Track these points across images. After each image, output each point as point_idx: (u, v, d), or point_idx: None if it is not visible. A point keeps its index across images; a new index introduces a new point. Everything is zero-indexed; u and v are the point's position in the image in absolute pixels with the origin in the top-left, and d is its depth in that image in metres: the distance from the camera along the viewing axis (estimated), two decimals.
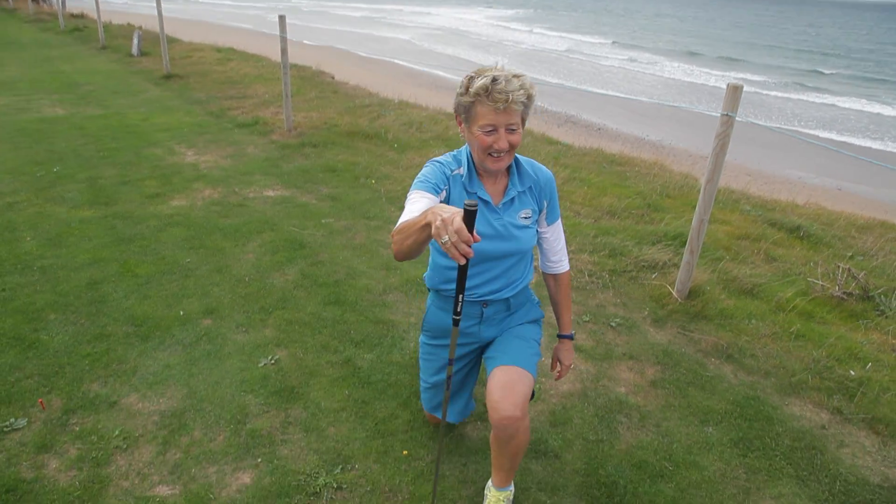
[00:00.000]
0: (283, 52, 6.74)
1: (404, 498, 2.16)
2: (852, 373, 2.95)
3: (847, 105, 18.32)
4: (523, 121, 1.82)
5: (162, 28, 10.57)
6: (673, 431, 2.54)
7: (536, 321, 2.22)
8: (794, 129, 14.89)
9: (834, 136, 14.54)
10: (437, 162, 1.94)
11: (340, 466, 2.28)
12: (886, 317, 3.53)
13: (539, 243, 2.12)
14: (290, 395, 2.64)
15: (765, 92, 20.46)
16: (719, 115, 3.11)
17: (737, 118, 3.09)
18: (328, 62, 14.29)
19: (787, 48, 37.37)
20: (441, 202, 1.85)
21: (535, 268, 2.27)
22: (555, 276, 2.18)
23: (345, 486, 2.20)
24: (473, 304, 2.04)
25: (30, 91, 9.23)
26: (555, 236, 2.10)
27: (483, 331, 2.10)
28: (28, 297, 3.35)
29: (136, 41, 13.25)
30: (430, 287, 2.16)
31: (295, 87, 9.04)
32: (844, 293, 3.73)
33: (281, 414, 2.53)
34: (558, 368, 2.23)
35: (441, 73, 17.31)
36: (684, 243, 3.58)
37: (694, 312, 3.41)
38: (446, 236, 1.36)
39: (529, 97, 1.78)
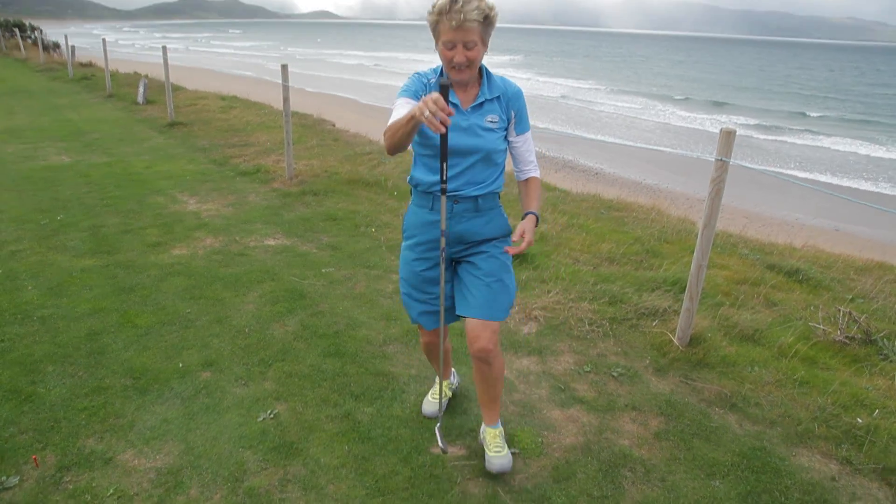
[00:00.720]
0: (286, 100, 6.87)
1: None
2: (860, 420, 2.91)
3: (840, 147, 18.56)
4: (483, 39, 2.07)
5: (167, 77, 10.81)
6: (679, 486, 2.49)
7: (505, 237, 2.40)
8: (789, 171, 15.05)
9: (828, 177, 14.69)
10: (417, 73, 2.23)
11: None
12: (890, 361, 3.50)
13: (511, 152, 2.35)
14: (289, 450, 2.60)
15: (758, 136, 20.76)
16: (714, 159, 3.15)
17: (732, 162, 3.14)
18: (329, 110, 14.55)
19: (780, 91, 38.08)
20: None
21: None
22: (525, 181, 2.38)
23: None
24: (448, 198, 2.25)
25: (37, 139, 9.38)
26: (525, 146, 2.33)
27: (454, 224, 2.29)
28: (27, 349, 3.34)
29: (141, 89, 13.54)
30: (411, 185, 2.37)
31: (296, 135, 9.18)
32: (846, 337, 3.71)
33: (279, 471, 2.49)
34: (519, 240, 2.18)
35: None
36: (684, 289, 3.58)
37: (696, 360, 3.39)
38: (427, 111, 1.77)
39: (487, 17, 2.03)
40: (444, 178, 2.05)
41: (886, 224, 10.23)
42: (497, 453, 2.47)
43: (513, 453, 2.61)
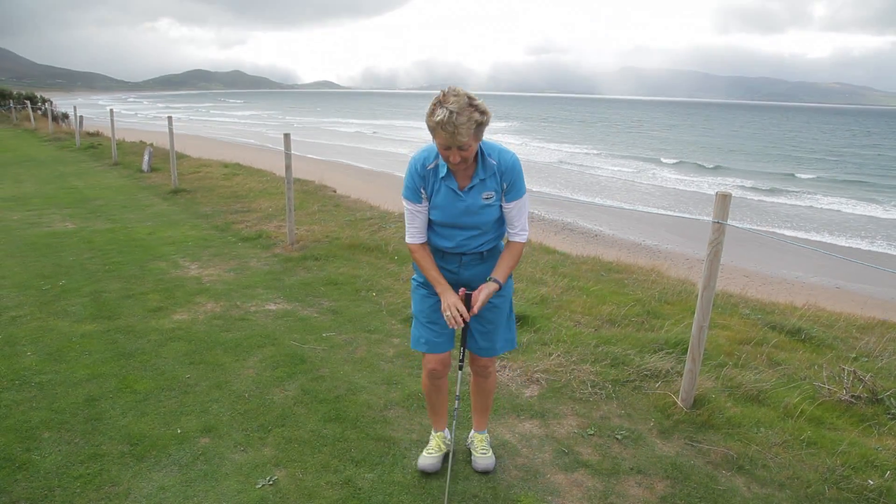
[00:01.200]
0: (287, 168, 7.03)
1: None
2: (871, 482, 2.85)
3: (836, 207, 18.79)
4: (477, 138, 2.29)
5: (172, 145, 11.08)
6: None
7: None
8: (786, 231, 15.20)
9: (824, 236, 14.83)
10: (412, 161, 2.48)
11: None
12: None
13: (504, 214, 2.55)
14: None
15: (755, 197, 21.07)
16: (711, 222, 3.21)
17: (729, 224, 3.19)
18: (330, 176, 14.83)
19: (774, 153, 38.84)
20: (426, 203, 2.49)
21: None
22: (510, 242, 2.59)
23: None
24: (454, 256, 2.57)
25: (42, 206, 9.52)
26: (514, 212, 2.51)
27: (462, 272, 2.61)
28: (23, 415, 3.30)
29: (146, 157, 13.84)
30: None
31: (298, 201, 9.33)
32: (852, 397, 3.67)
33: None
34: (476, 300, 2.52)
35: None
36: (686, 350, 3.57)
37: (700, 422, 3.35)
38: (448, 312, 2.43)
39: (480, 124, 2.25)
40: (463, 359, 2.62)
41: (887, 282, 10.26)
42: (483, 455, 2.89)
43: None
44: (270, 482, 2.77)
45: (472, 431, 2.99)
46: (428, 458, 2.87)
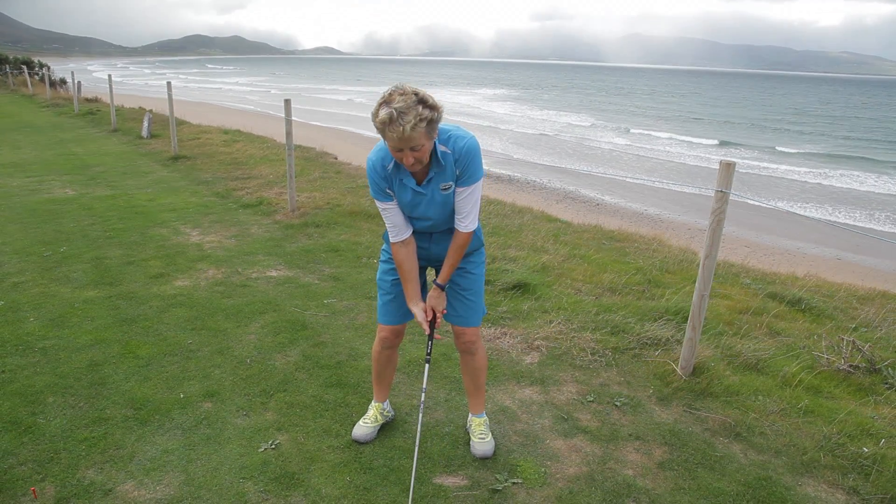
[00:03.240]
0: (288, 134, 6.96)
1: None
2: (866, 450, 2.89)
3: (837, 184, 18.63)
4: (429, 136, 2.15)
5: (171, 112, 10.97)
6: None
7: (478, 249, 2.65)
8: (784, 203, 15.13)
9: (827, 209, 14.75)
10: (370, 164, 2.37)
11: None
12: None
13: (455, 200, 2.44)
14: (290, 481, 2.58)
15: (760, 167, 20.92)
16: (714, 191, 3.19)
17: (732, 195, 3.16)
18: (331, 142, 14.72)
19: (774, 123, 38.42)
20: (392, 202, 2.43)
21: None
22: (455, 231, 2.47)
23: None
24: (424, 234, 2.54)
25: (42, 172, 9.48)
26: (463, 198, 2.38)
27: (432, 247, 2.57)
28: (27, 380, 3.33)
29: (146, 124, 13.72)
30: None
31: (298, 168, 9.27)
32: (850, 366, 3.69)
33: (280, 502, 2.46)
34: (432, 315, 2.56)
35: None
36: (686, 319, 3.58)
37: (699, 390, 3.37)
38: (419, 318, 2.53)
39: (431, 121, 2.11)
40: (430, 351, 2.62)
41: (887, 253, 10.24)
42: (481, 440, 2.78)
43: (515, 484, 2.59)
44: (272, 446, 2.81)
45: (470, 416, 2.90)
46: (363, 427, 2.87)
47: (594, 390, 3.40)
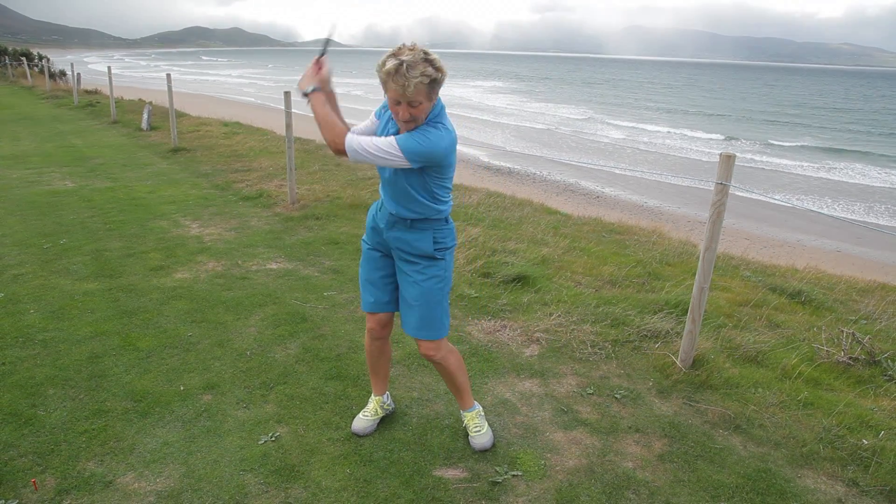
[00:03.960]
0: (288, 126, 6.94)
1: None
2: (865, 442, 2.89)
3: (837, 178, 18.57)
4: (428, 97, 2.17)
5: (171, 104, 10.93)
6: None
7: (427, 257, 2.52)
8: (784, 196, 15.11)
9: (828, 202, 14.74)
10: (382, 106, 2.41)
11: None
12: (895, 382, 3.48)
13: None
14: (290, 473, 2.58)
15: (761, 160, 20.87)
16: (714, 184, 3.18)
17: (732, 187, 3.16)
18: None
19: (775, 116, 38.31)
20: (376, 125, 2.45)
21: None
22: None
23: None
24: (389, 215, 2.50)
25: (41, 164, 9.46)
26: (383, 139, 2.29)
27: (387, 232, 2.53)
28: (28, 371, 3.34)
29: (145, 116, 13.68)
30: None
31: (298, 161, 9.25)
32: (850, 358, 3.69)
33: (280, 494, 2.47)
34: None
35: None
36: (686, 311, 3.58)
37: (699, 382, 3.38)
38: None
39: (434, 80, 2.15)
40: (324, 50, 2.47)
41: (888, 245, 10.23)
42: (477, 432, 2.78)
43: (515, 476, 2.59)
44: (273, 438, 2.81)
45: (461, 412, 2.88)
46: (362, 419, 2.87)
47: (594, 383, 3.40)
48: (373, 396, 2.95)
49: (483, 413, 2.88)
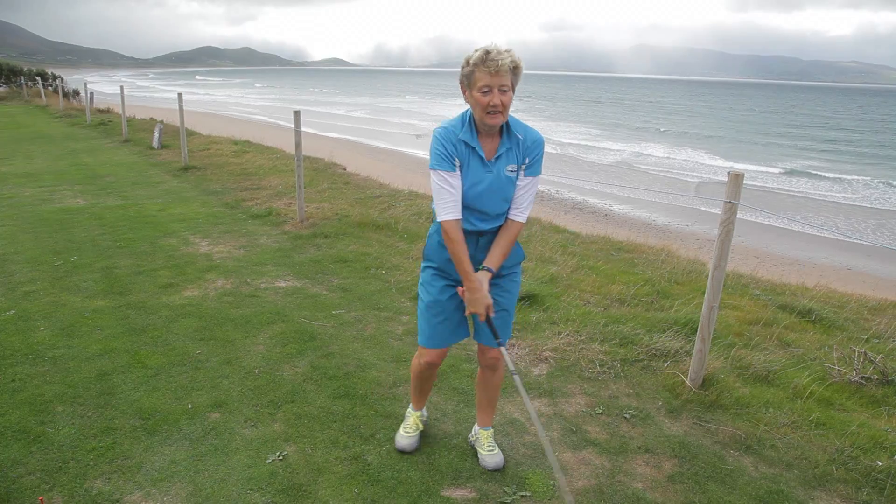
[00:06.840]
0: (297, 145, 7.00)
1: None
2: (879, 463, 2.85)
3: (841, 196, 18.48)
4: (513, 86, 2.27)
5: (182, 123, 11.06)
6: None
7: (517, 264, 2.66)
8: (792, 214, 15.05)
9: (839, 220, 14.65)
10: (442, 130, 2.36)
11: None
12: None
13: (515, 192, 2.46)
14: (297, 493, 2.57)
15: (770, 180, 20.82)
16: (723, 202, 3.17)
17: (741, 206, 3.15)
18: (340, 153, 14.77)
19: (792, 141, 38.19)
20: (459, 172, 2.37)
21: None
22: (510, 221, 2.48)
23: None
24: (472, 234, 2.46)
25: (54, 182, 9.57)
26: (524, 191, 2.45)
27: (478, 254, 2.49)
28: (37, 389, 3.35)
29: (157, 134, 13.84)
30: (433, 232, 2.56)
31: (308, 179, 9.32)
32: (862, 378, 3.65)
33: None
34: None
35: None
36: (695, 330, 3.56)
37: (709, 402, 3.35)
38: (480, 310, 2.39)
39: (516, 66, 2.25)
40: (498, 337, 2.45)
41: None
42: (490, 451, 2.79)
43: (523, 497, 2.57)
44: (280, 457, 2.80)
45: (477, 427, 2.88)
46: (406, 437, 2.88)
47: (603, 402, 3.37)
48: (411, 411, 2.96)
49: (493, 435, 2.91)
